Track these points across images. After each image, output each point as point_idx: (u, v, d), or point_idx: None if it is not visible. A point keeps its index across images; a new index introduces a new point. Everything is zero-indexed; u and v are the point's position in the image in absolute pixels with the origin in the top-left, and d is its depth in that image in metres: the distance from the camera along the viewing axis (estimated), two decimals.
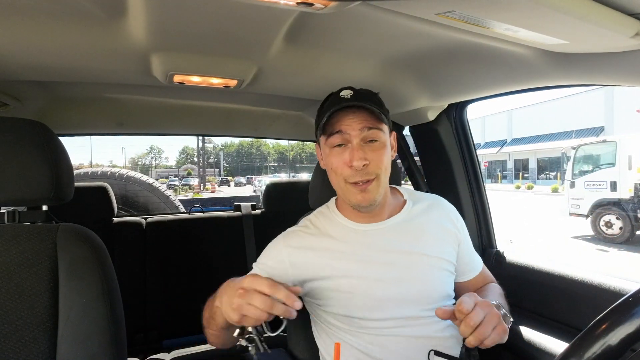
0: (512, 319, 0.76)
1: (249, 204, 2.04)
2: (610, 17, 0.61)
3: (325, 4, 0.60)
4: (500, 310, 0.71)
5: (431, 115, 1.38)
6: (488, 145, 28.32)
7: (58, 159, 0.84)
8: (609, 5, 0.61)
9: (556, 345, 0.97)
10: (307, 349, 0.99)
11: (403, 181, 1.40)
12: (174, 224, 1.83)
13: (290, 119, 1.90)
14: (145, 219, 1.82)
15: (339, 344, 0.62)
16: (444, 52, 0.96)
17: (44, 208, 0.89)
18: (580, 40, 0.71)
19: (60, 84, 1.28)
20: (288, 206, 1.90)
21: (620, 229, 6.97)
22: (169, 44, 0.90)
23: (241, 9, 0.72)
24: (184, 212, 3.06)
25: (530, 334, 1.04)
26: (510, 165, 26.93)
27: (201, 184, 30.12)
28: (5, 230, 0.79)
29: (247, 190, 24.49)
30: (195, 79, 1.08)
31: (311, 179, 1.18)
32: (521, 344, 1.04)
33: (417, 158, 1.62)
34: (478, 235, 1.46)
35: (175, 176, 37.98)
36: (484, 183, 1.48)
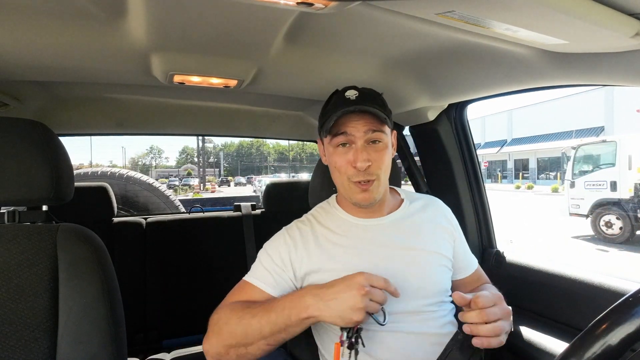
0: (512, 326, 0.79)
1: (249, 204, 2.04)
2: (610, 17, 0.61)
3: (325, 4, 0.60)
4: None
5: (431, 115, 1.38)
6: (488, 145, 28.31)
7: (58, 159, 0.84)
8: (609, 5, 0.61)
9: (556, 345, 0.97)
10: (307, 348, 0.99)
11: (403, 181, 1.40)
12: (174, 224, 1.83)
13: (290, 119, 1.90)
14: (145, 219, 1.82)
15: (339, 344, 0.62)
16: (444, 52, 0.96)
17: (44, 208, 0.89)
18: (580, 40, 0.71)
19: (60, 84, 1.28)
20: (288, 206, 1.90)
21: (620, 229, 6.96)
22: (169, 44, 0.90)
23: (241, 9, 0.72)
24: (184, 212, 3.05)
25: (530, 334, 1.04)
26: (510, 165, 26.91)
27: (201, 184, 30.10)
28: (5, 230, 0.79)
29: (247, 190, 24.49)
30: (195, 79, 1.08)
31: (311, 179, 1.18)
32: (521, 344, 1.03)
33: (417, 158, 1.62)
34: (478, 235, 1.46)
35: (175, 176, 37.99)
36: (484, 183, 1.48)
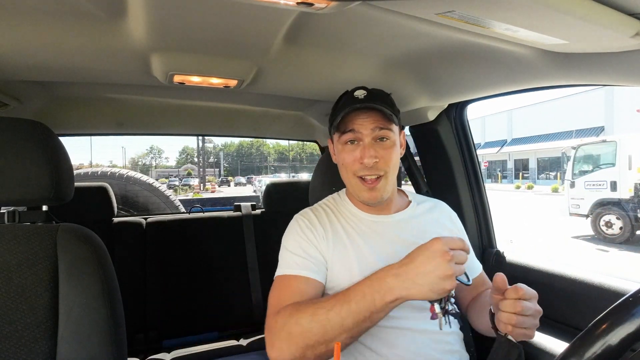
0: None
1: (249, 204, 2.03)
2: (610, 17, 0.61)
3: (326, 4, 0.60)
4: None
5: (431, 115, 1.38)
6: (488, 145, 28.30)
7: (58, 159, 0.84)
8: (609, 5, 0.61)
9: (556, 345, 0.97)
10: None
11: (403, 181, 1.40)
12: (174, 224, 1.83)
13: (290, 119, 1.90)
14: (145, 219, 1.82)
15: (339, 343, 0.62)
16: (444, 52, 0.96)
17: (44, 208, 0.89)
18: (580, 40, 0.71)
19: (60, 84, 1.28)
20: (288, 206, 1.89)
21: (621, 228, 6.96)
22: (169, 44, 0.90)
23: (241, 9, 0.72)
24: (184, 212, 3.05)
25: None
26: (510, 165, 26.90)
27: (201, 184, 30.10)
28: (5, 231, 0.79)
29: (247, 190, 24.49)
30: (195, 79, 1.08)
31: (311, 179, 1.18)
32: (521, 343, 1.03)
33: (417, 158, 1.62)
34: (478, 235, 1.46)
35: (175, 176, 37.99)
36: (484, 183, 1.48)
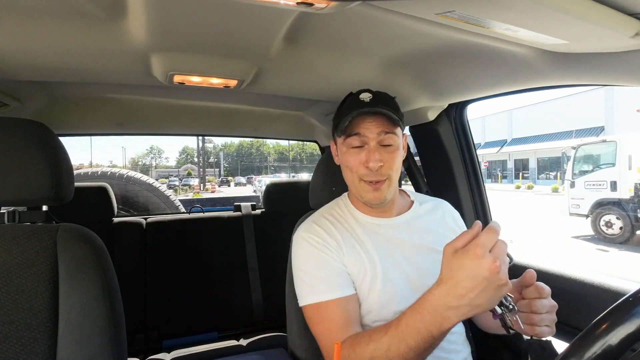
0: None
1: (249, 204, 2.04)
2: (610, 17, 0.61)
3: (325, 4, 0.60)
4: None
5: (431, 115, 1.38)
6: (488, 145, 28.30)
7: (58, 159, 0.84)
8: (609, 5, 0.61)
9: (556, 345, 0.97)
10: (307, 348, 0.99)
11: (403, 181, 1.40)
12: (174, 224, 1.83)
13: (290, 119, 1.90)
14: (145, 219, 1.82)
15: (339, 343, 0.62)
16: (444, 52, 0.96)
17: (44, 208, 0.89)
18: (580, 40, 0.71)
19: (60, 84, 1.27)
20: (288, 206, 1.90)
21: (621, 228, 6.96)
22: (169, 44, 0.90)
23: (241, 9, 0.72)
24: (184, 212, 3.06)
25: None
26: (510, 165, 26.89)
27: (201, 184, 30.10)
28: (5, 231, 0.79)
29: (247, 190, 24.49)
30: (195, 79, 1.08)
31: (311, 179, 1.18)
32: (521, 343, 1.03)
33: (417, 158, 1.61)
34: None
35: (175, 176, 38.01)
36: (484, 183, 1.48)
